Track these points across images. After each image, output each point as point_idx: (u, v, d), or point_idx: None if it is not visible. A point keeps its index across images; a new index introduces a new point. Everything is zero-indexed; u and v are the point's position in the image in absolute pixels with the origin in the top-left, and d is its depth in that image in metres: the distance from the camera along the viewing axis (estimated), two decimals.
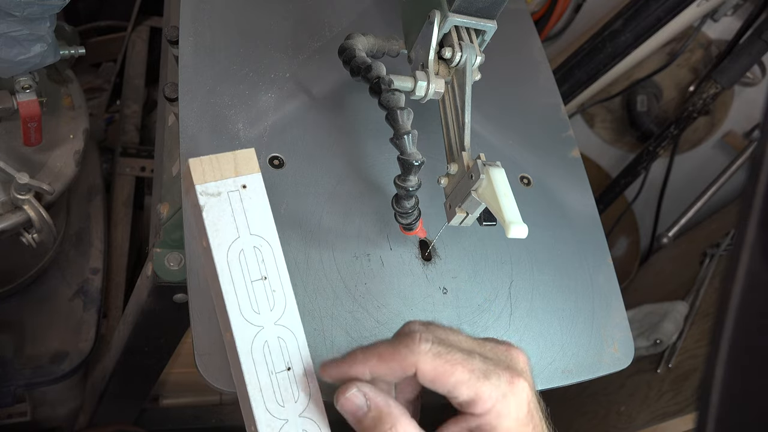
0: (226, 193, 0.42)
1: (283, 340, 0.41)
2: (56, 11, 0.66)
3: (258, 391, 0.40)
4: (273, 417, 0.40)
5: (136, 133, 1.26)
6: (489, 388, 0.39)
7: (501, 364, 0.41)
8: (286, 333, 0.41)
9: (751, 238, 0.21)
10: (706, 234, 1.32)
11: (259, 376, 0.40)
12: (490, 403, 0.39)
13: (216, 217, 0.41)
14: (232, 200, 0.42)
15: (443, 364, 0.39)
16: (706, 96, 1.22)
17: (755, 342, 0.21)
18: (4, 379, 0.87)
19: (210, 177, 0.41)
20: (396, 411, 0.39)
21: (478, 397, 0.39)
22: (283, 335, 0.41)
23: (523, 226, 0.45)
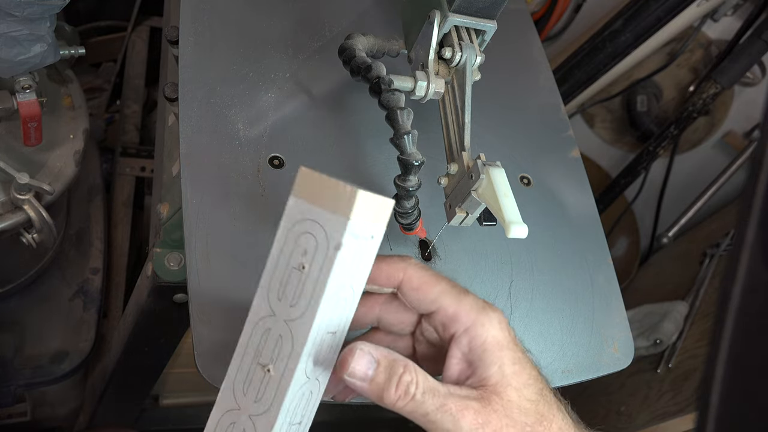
0: (368, 238, 0.38)
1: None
2: (56, 11, 0.66)
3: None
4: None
5: (136, 133, 1.26)
6: (469, 300, 0.40)
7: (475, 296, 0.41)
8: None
9: (751, 238, 0.21)
10: (706, 234, 1.32)
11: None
12: (473, 314, 0.39)
13: (348, 262, 0.37)
14: (364, 247, 0.38)
15: (429, 274, 0.40)
16: (706, 96, 1.22)
17: (755, 342, 0.21)
18: (4, 379, 0.87)
19: (362, 216, 0.37)
20: (398, 355, 0.38)
21: (460, 309, 0.39)
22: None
23: (523, 226, 0.45)
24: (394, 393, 0.37)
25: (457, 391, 0.38)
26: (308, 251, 0.37)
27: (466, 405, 0.37)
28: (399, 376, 0.37)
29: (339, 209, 0.37)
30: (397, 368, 0.37)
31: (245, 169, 0.54)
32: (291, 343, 0.38)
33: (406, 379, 0.37)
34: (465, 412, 0.37)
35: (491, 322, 0.39)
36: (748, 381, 0.21)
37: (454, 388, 0.38)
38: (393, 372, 0.37)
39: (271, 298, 0.38)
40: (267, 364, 0.38)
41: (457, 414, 0.37)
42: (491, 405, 0.38)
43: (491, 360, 0.39)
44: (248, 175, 0.54)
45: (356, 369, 0.37)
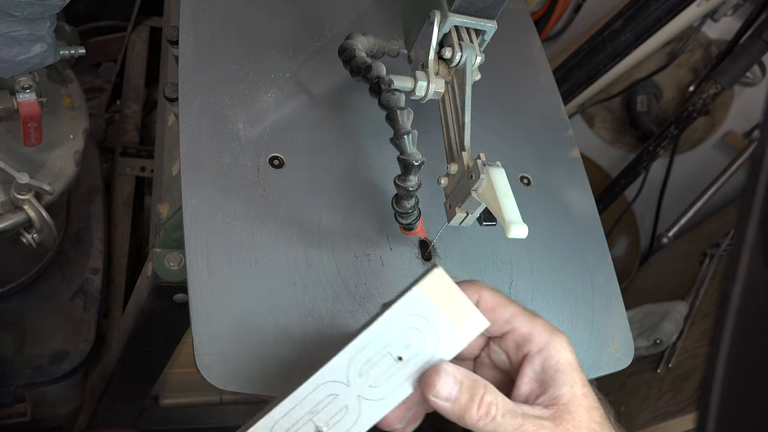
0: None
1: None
2: (56, 11, 0.66)
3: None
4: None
5: (136, 133, 1.26)
6: (541, 323, 0.41)
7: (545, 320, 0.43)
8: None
9: (751, 238, 0.21)
10: (706, 234, 1.32)
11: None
12: (546, 335, 0.41)
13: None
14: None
15: (502, 296, 0.42)
16: (706, 96, 1.22)
17: (755, 342, 0.21)
18: (4, 379, 0.87)
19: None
20: (479, 377, 0.40)
21: (533, 329, 0.41)
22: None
23: (523, 226, 0.45)
24: (476, 413, 0.38)
25: (532, 411, 0.39)
26: (412, 347, 0.39)
27: (541, 425, 0.39)
28: (481, 396, 0.38)
29: (461, 330, 0.39)
30: (478, 389, 0.39)
31: (245, 169, 0.54)
32: (356, 418, 0.38)
33: (488, 399, 0.38)
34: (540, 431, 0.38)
35: (563, 344, 0.41)
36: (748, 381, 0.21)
37: (528, 408, 0.39)
38: (475, 393, 0.38)
39: (351, 369, 0.39)
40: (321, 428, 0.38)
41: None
42: (563, 424, 0.39)
43: (564, 380, 0.40)
44: (248, 175, 0.54)
45: (442, 390, 0.38)
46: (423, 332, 0.39)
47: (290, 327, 0.50)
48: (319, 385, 0.38)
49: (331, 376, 0.39)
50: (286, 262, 0.52)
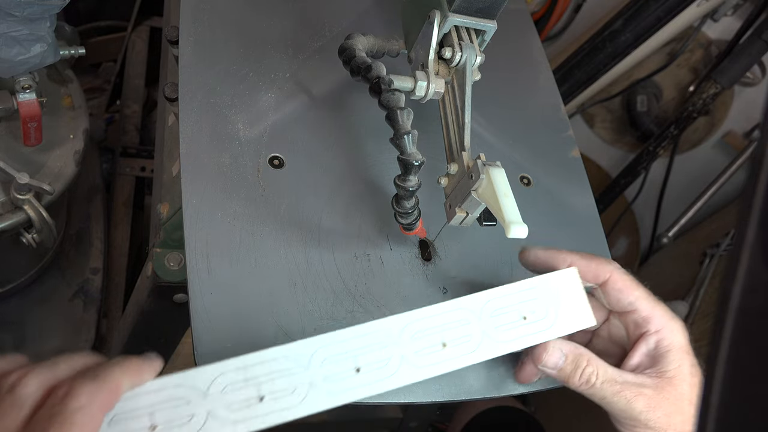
0: None
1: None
2: (56, 11, 0.66)
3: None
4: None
5: (136, 133, 1.26)
6: (661, 309, 0.48)
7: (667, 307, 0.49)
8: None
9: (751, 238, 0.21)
10: (706, 234, 1.32)
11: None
12: (664, 320, 0.47)
13: None
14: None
15: (631, 279, 0.48)
16: (706, 96, 1.22)
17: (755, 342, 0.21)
18: None
19: None
20: (584, 350, 0.46)
21: (653, 313, 0.47)
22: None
23: (523, 226, 0.45)
24: (577, 380, 0.46)
25: (634, 379, 0.46)
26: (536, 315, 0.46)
27: (640, 391, 0.45)
28: (583, 368, 0.46)
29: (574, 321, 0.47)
30: (581, 361, 0.46)
31: (245, 169, 0.54)
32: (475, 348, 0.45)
33: (588, 370, 0.45)
34: (638, 397, 0.45)
35: (678, 330, 0.47)
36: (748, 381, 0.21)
37: (631, 377, 0.46)
38: (578, 365, 0.46)
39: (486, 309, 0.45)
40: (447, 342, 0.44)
41: (631, 399, 0.45)
42: (664, 393, 0.45)
43: (673, 359, 0.46)
44: (248, 175, 0.54)
45: (549, 361, 0.46)
46: (547, 309, 0.46)
47: (290, 327, 0.50)
48: (455, 309, 0.45)
49: (466, 305, 0.45)
50: (286, 262, 0.52)
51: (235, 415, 0.37)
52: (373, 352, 0.42)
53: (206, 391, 0.37)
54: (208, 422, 0.37)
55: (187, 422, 0.37)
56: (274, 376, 0.39)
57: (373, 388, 0.41)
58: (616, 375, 0.46)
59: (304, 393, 0.39)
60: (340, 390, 0.40)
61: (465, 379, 0.53)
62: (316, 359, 0.40)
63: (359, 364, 0.41)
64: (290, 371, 0.40)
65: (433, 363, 0.43)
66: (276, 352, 0.40)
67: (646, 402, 0.45)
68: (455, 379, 0.53)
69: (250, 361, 0.39)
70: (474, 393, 0.53)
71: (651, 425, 0.45)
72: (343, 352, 0.41)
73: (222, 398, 0.38)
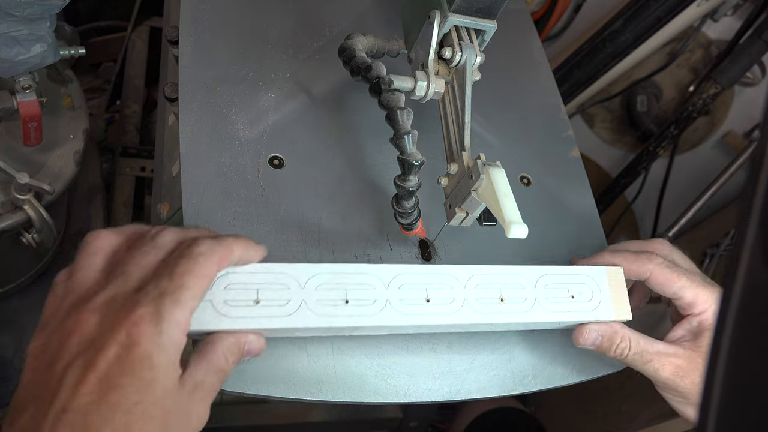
0: None
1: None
2: (56, 11, 0.66)
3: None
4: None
5: (136, 133, 1.26)
6: (705, 293, 0.53)
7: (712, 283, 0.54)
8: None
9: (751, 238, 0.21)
10: (706, 234, 1.32)
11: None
12: (707, 303, 0.52)
13: None
14: None
15: (671, 273, 0.53)
16: (706, 96, 1.22)
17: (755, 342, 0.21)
18: (4, 379, 0.87)
19: None
20: (618, 327, 0.53)
21: (697, 299, 0.52)
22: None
23: (523, 226, 0.45)
24: (613, 353, 0.53)
25: (666, 350, 0.52)
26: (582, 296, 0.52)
27: (669, 362, 0.52)
28: (617, 344, 0.53)
29: (613, 311, 0.53)
30: (615, 339, 0.53)
31: (245, 169, 0.54)
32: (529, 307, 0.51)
33: (622, 345, 0.52)
34: (666, 366, 0.52)
35: None
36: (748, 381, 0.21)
37: (664, 347, 0.53)
38: (612, 342, 0.53)
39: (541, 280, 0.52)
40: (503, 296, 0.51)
41: (658, 368, 0.52)
42: (694, 363, 0.52)
43: (709, 337, 0.49)
44: (248, 175, 0.54)
45: (587, 341, 0.53)
46: (593, 295, 0.53)
47: None
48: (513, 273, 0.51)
49: (523, 272, 0.51)
50: (286, 262, 0.52)
51: (322, 309, 0.44)
52: (442, 290, 0.48)
53: (304, 284, 0.44)
54: (300, 309, 0.43)
55: (284, 305, 0.43)
56: (360, 287, 0.46)
57: (438, 318, 0.47)
58: (648, 346, 0.52)
59: (381, 306, 0.46)
60: (411, 313, 0.47)
61: (465, 379, 0.53)
62: (395, 283, 0.47)
63: (430, 297, 0.47)
64: (373, 287, 0.46)
65: (491, 312, 0.49)
66: (366, 269, 0.46)
67: (673, 370, 0.52)
68: (455, 379, 0.53)
69: (343, 270, 0.46)
70: (474, 393, 0.53)
71: (679, 390, 0.52)
72: (418, 283, 0.48)
73: (315, 293, 0.44)
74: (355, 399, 0.50)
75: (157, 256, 0.39)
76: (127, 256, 0.39)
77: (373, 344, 0.52)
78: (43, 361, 0.36)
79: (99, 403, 0.34)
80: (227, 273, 0.43)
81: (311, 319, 0.44)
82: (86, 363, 0.34)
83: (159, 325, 0.35)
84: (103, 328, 0.35)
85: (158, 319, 0.35)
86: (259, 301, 0.43)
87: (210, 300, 0.42)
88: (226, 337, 0.41)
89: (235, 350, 0.41)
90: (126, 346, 0.35)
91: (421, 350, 0.53)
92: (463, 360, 0.54)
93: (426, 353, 0.53)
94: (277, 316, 0.43)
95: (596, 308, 0.52)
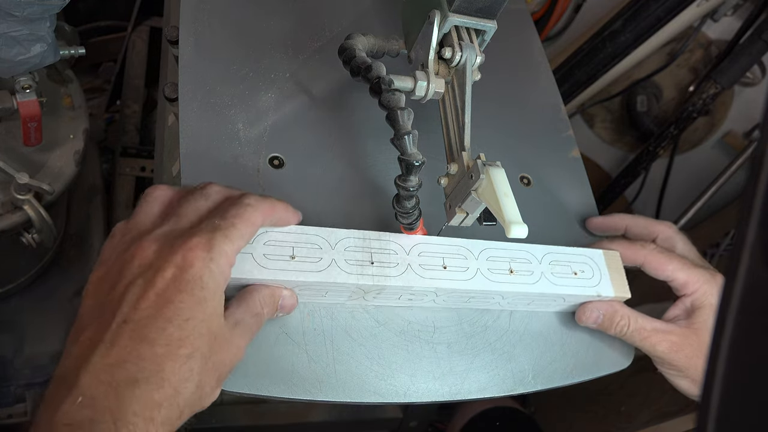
0: None
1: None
2: (56, 11, 0.66)
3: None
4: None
5: (136, 133, 1.26)
6: (697, 274, 0.56)
7: (707, 266, 0.58)
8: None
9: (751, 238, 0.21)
10: (706, 234, 1.32)
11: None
12: (699, 284, 0.56)
13: None
14: None
15: (664, 258, 0.57)
16: (706, 96, 1.22)
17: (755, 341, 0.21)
18: (4, 379, 0.87)
19: None
20: (618, 306, 0.57)
21: (689, 279, 0.56)
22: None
23: (523, 226, 0.45)
24: (613, 330, 0.57)
25: (662, 327, 0.56)
26: (585, 274, 0.56)
27: (664, 338, 0.55)
28: (617, 322, 0.56)
29: (611, 289, 0.57)
30: (615, 317, 0.56)
31: (245, 169, 0.54)
32: (534, 282, 0.55)
33: (622, 323, 0.56)
34: (662, 342, 0.55)
35: (711, 292, 0.56)
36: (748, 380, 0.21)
37: (661, 325, 0.56)
38: (612, 320, 0.56)
39: (547, 258, 0.56)
40: (513, 268, 0.55)
41: (655, 343, 0.56)
42: (688, 339, 0.56)
43: (702, 315, 0.56)
44: (248, 175, 0.54)
45: (589, 320, 0.57)
46: (593, 273, 0.57)
47: (290, 327, 0.50)
48: (520, 249, 0.55)
49: (530, 249, 0.55)
50: None
51: (350, 268, 0.48)
52: (457, 258, 0.53)
53: (334, 245, 0.49)
54: (330, 267, 0.48)
55: (316, 262, 0.48)
56: (384, 251, 0.50)
57: (453, 284, 0.51)
58: (645, 324, 0.56)
59: (402, 270, 0.50)
60: (429, 276, 0.51)
61: (465, 379, 0.53)
62: (415, 251, 0.52)
63: (446, 264, 0.52)
64: (396, 252, 0.51)
65: (502, 281, 0.53)
66: (390, 236, 0.51)
67: (669, 346, 0.55)
68: (455, 379, 0.53)
69: (370, 236, 0.50)
70: (474, 393, 0.53)
71: (675, 364, 0.56)
72: (436, 252, 0.52)
73: (344, 254, 0.49)
74: (355, 399, 0.50)
75: (207, 203, 0.44)
76: (183, 201, 0.44)
77: (373, 344, 0.52)
78: (104, 285, 0.40)
79: (156, 316, 0.38)
80: (266, 231, 0.47)
81: (340, 275, 0.48)
82: (146, 282, 0.38)
83: (211, 251, 0.40)
84: (162, 253, 0.40)
85: (210, 247, 0.40)
86: (294, 257, 0.47)
87: (251, 252, 0.46)
88: (263, 288, 0.46)
89: (270, 301, 0.46)
90: (181, 267, 0.39)
91: (421, 350, 0.53)
92: (463, 360, 0.54)
93: (426, 353, 0.53)
94: (310, 271, 0.47)
95: (597, 285, 0.56)
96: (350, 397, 0.50)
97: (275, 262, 0.46)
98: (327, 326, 0.51)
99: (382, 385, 0.51)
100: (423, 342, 0.54)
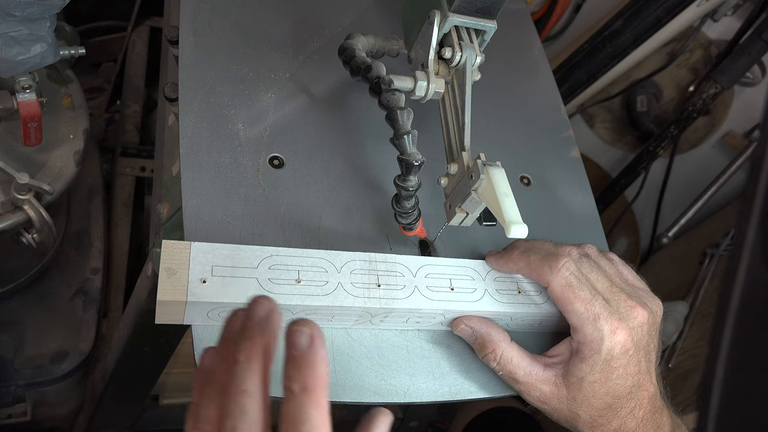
0: None
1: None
2: (56, 11, 0.66)
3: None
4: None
5: (136, 133, 1.26)
6: (592, 328, 0.49)
7: (615, 315, 0.49)
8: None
9: (751, 238, 0.21)
10: (706, 234, 1.32)
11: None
12: (589, 338, 0.49)
13: None
14: None
15: (569, 293, 0.49)
16: (706, 96, 1.22)
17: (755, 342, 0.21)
18: (4, 379, 0.87)
19: None
20: (496, 337, 0.52)
21: (581, 329, 0.49)
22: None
23: (523, 226, 0.45)
24: (481, 358, 0.53)
25: (534, 378, 0.51)
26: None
27: (535, 387, 0.51)
28: (486, 353, 0.52)
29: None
30: (487, 346, 0.52)
31: (245, 169, 0.54)
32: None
33: (489, 357, 0.52)
34: (532, 392, 0.52)
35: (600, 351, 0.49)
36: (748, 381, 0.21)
37: (534, 374, 0.51)
38: (483, 348, 0.52)
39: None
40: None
41: (524, 391, 0.52)
42: (558, 392, 0.51)
43: (582, 371, 0.50)
44: (248, 175, 0.54)
45: (461, 333, 0.53)
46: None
47: None
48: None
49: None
50: None
51: (356, 291, 0.48)
52: (464, 279, 0.52)
53: (340, 268, 0.48)
54: (337, 290, 0.47)
55: (322, 285, 0.47)
56: (391, 274, 0.50)
57: (461, 305, 0.51)
58: (518, 372, 0.51)
59: (409, 292, 0.49)
60: (437, 299, 0.50)
61: (465, 379, 0.53)
62: (422, 272, 0.51)
63: (453, 285, 0.51)
64: (403, 274, 0.50)
65: (509, 302, 0.53)
66: (396, 258, 0.51)
67: (538, 396, 0.52)
68: (455, 379, 0.53)
69: (376, 258, 0.50)
70: (474, 393, 0.53)
71: (543, 408, 0.53)
72: (443, 274, 0.52)
73: (350, 276, 0.48)
74: (355, 399, 0.50)
75: None
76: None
77: (373, 344, 0.52)
78: None
79: None
80: (271, 255, 0.47)
81: (347, 299, 0.47)
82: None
83: None
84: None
85: None
86: (300, 281, 0.47)
87: (255, 277, 0.45)
88: None
89: None
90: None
91: (421, 350, 0.53)
92: (463, 360, 0.54)
93: (426, 353, 0.53)
94: (316, 295, 0.47)
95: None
96: (350, 397, 0.50)
97: (281, 286, 0.46)
98: (327, 325, 0.51)
99: (381, 385, 0.51)
100: (423, 342, 0.54)
